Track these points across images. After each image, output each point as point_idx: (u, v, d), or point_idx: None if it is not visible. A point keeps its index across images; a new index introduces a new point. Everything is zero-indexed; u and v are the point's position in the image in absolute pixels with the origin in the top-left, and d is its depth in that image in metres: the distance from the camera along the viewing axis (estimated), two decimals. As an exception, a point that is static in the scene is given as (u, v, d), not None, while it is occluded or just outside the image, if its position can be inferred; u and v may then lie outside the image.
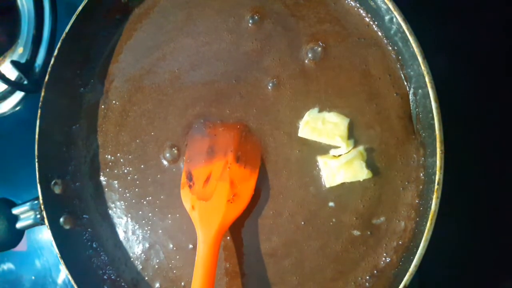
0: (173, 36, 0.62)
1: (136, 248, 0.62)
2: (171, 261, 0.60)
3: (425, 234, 0.45)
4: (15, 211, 0.64)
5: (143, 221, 0.61)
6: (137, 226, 0.62)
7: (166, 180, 0.61)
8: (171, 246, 0.60)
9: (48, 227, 0.59)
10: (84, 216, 0.64)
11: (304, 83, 0.56)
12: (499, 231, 0.59)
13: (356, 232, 0.53)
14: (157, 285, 0.60)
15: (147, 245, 0.61)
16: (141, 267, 0.61)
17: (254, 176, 0.56)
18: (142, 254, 0.61)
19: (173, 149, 0.60)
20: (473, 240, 0.59)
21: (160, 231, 0.61)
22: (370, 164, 0.52)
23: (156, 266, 0.60)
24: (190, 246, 0.59)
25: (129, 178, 0.63)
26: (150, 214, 0.61)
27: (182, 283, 0.59)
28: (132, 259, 0.62)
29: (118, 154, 0.64)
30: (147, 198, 0.62)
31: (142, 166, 0.62)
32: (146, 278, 0.61)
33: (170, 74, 0.61)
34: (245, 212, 0.56)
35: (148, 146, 0.62)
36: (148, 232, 0.61)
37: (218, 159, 0.57)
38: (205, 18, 0.61)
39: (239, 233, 0.57)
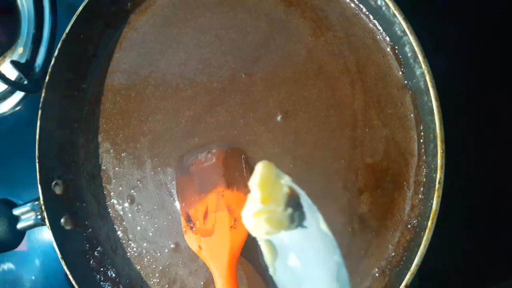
0: (173, 36, 0.62)
1: (136, 248, 0.62)
2: (171, 261, 0.60)
3: (426, 233, 0.45)
4: (15, 211, 0.63)
5: (143, 222, 0.62)
6: (137, 227, 0.62)
7: (168, 180, 0.61)
8: (171, 246, 0.60)
9: (49, 227, 0.59)
10: (84, 216, 0.64)
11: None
12: (499, 230, 0.60)
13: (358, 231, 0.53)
14: (157, 285, 0.60)
15: (147, 245, 0.61)
16: (141, 266, 0.61)
17: (248, 195, 0.54)
18: (142, 254, 0.61)
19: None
20: (473, 240, 0.59)
21: (160, 231, 0.61)
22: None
23: (156, 266, 0.60)
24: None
25: (130, 178, 0.63)
26: (149, 214, 0.61)
27: (182, 283, 0.59)
28: (132, 259, 0.62)
29: (119, 155, 0.64)
30: (147, 199, 0.62)
31: (142, 167, 0.62)
32: (146, 278, 0.61)
33: (174, 75, 0.62)
34: None
35: (148, 148, 0.62)
36: (148, 232, 0.61)
37: (210, 192, 0.56)
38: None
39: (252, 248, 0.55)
